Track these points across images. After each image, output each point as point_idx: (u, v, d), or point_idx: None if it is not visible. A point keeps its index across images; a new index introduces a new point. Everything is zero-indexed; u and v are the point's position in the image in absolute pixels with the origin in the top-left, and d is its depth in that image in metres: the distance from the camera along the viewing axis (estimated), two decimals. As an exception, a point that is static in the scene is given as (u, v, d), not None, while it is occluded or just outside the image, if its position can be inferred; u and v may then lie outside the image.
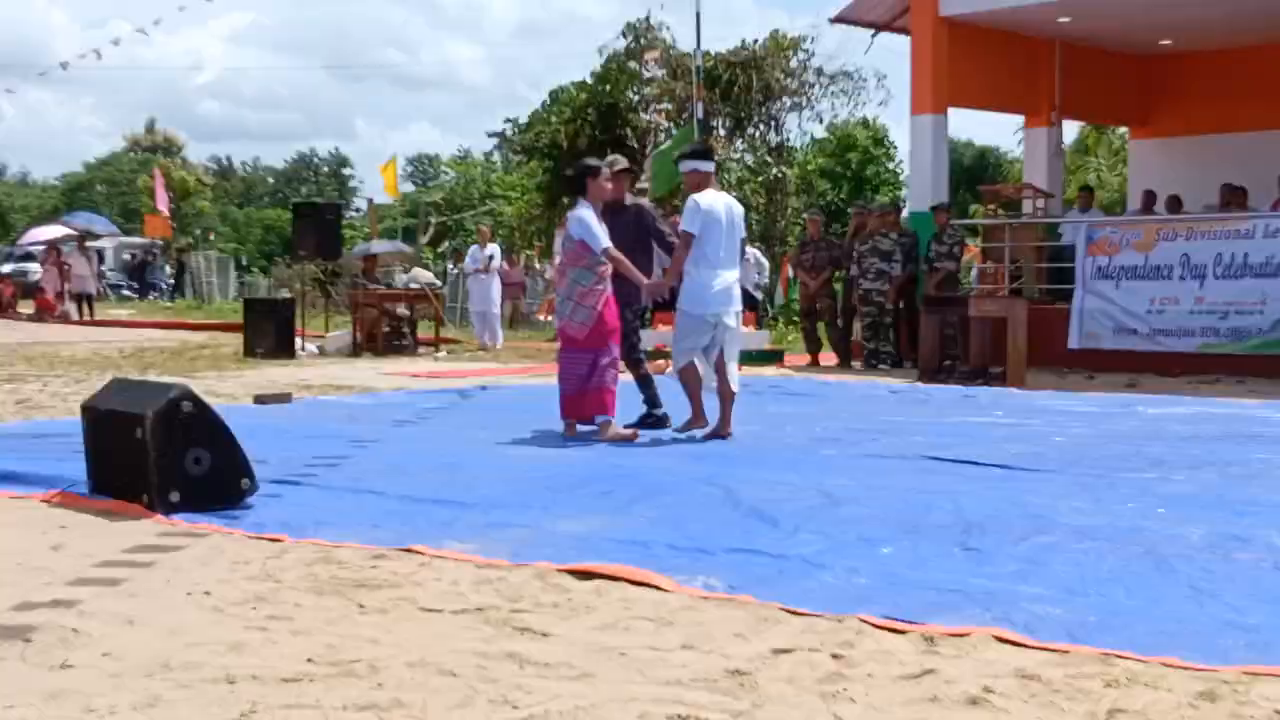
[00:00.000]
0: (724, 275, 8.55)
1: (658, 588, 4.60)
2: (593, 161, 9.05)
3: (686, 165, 8.87)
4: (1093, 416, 10.12)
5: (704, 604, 4.42)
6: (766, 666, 3.72)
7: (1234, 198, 16.56)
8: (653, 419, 9.16)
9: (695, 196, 8.65)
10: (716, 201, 8.60)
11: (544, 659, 3.79)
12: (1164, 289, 14.57)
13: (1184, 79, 19.42)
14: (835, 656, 3.81)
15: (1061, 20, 16.72)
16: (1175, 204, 17.05)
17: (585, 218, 8.66)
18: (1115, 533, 5.41)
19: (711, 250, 8.49)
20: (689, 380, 8.75)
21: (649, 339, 16.88)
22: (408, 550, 5.23)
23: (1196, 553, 5.05)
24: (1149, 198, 17.52)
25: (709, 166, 8.85)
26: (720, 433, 8.63)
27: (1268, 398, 11.81)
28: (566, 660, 3.77)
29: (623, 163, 9.47)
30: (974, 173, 45.36)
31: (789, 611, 4.29)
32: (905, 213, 18.48)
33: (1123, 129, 25.63)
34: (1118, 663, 3.71)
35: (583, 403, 8.72)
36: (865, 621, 4.15)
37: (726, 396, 8.66)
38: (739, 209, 8.83)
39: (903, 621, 4.13)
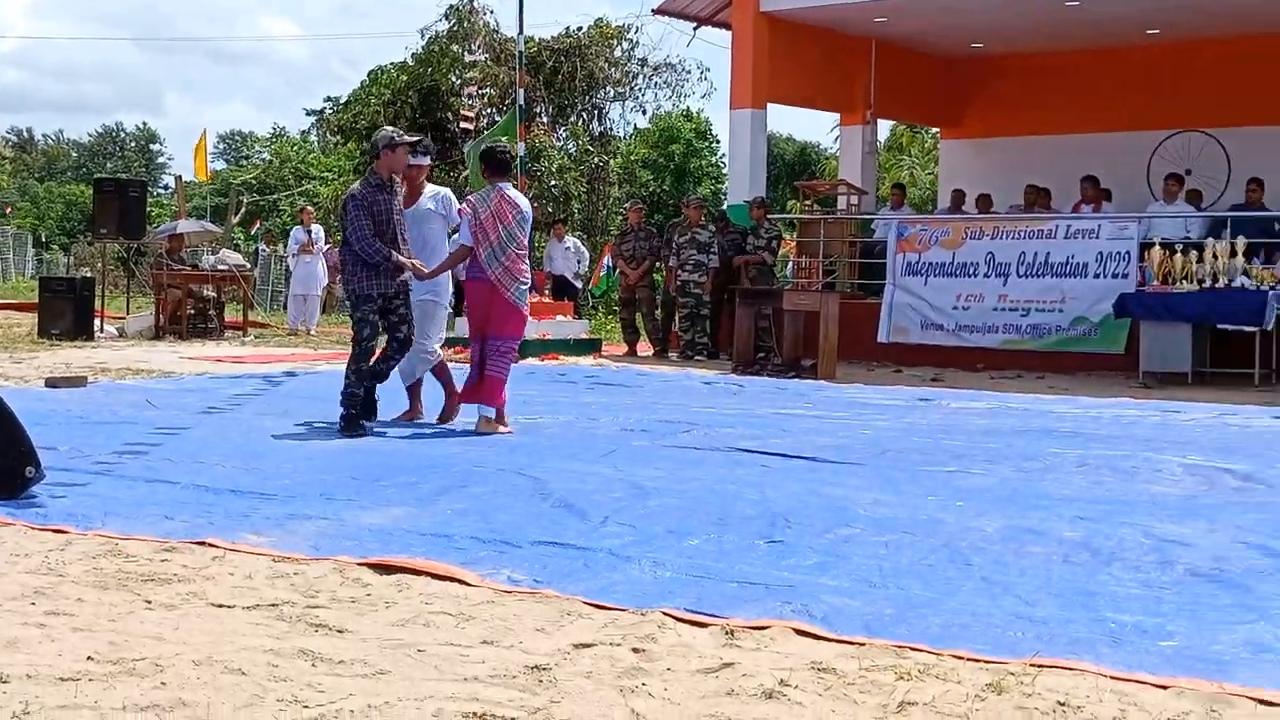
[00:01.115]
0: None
1: (460, 581, 4.51)
2: (386, 130, 8.64)
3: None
4: (898, 410, 10.34)
5: (507, 598, 4.35)
6: (567, 661, 3.68)
7: (1038, 198, 17.15)
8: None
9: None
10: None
11: (338, 656, 3.67)
12: (970, 286, 15.02)
13: (994, 82, 20.03)
14: (636, 650, 3.79)
15: (878, 20, 17.07)
16: (985, 203, 17.58)
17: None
18: (915, 525, 5.51)
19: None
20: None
21: (462, 325, 16.74)
22: (200, 543, 5.04)
23: (991, 545, 5.17)
24: (958, 197, 18.02)
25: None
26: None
27: (1065, 393, 12.26)
28: (362, 657, 3.67)
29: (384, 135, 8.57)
30: (795, 168, 46.08)
31: (592, 605, 4.25)
32: (724, 205, 18.67)
33: (935, 129, 26.30)
34: (911, 655, 3.76)
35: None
36: (668, 615, 4.13)
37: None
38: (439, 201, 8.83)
39: (705, 615, 4.13)
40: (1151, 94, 18.33)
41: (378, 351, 8.47)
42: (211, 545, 5.01)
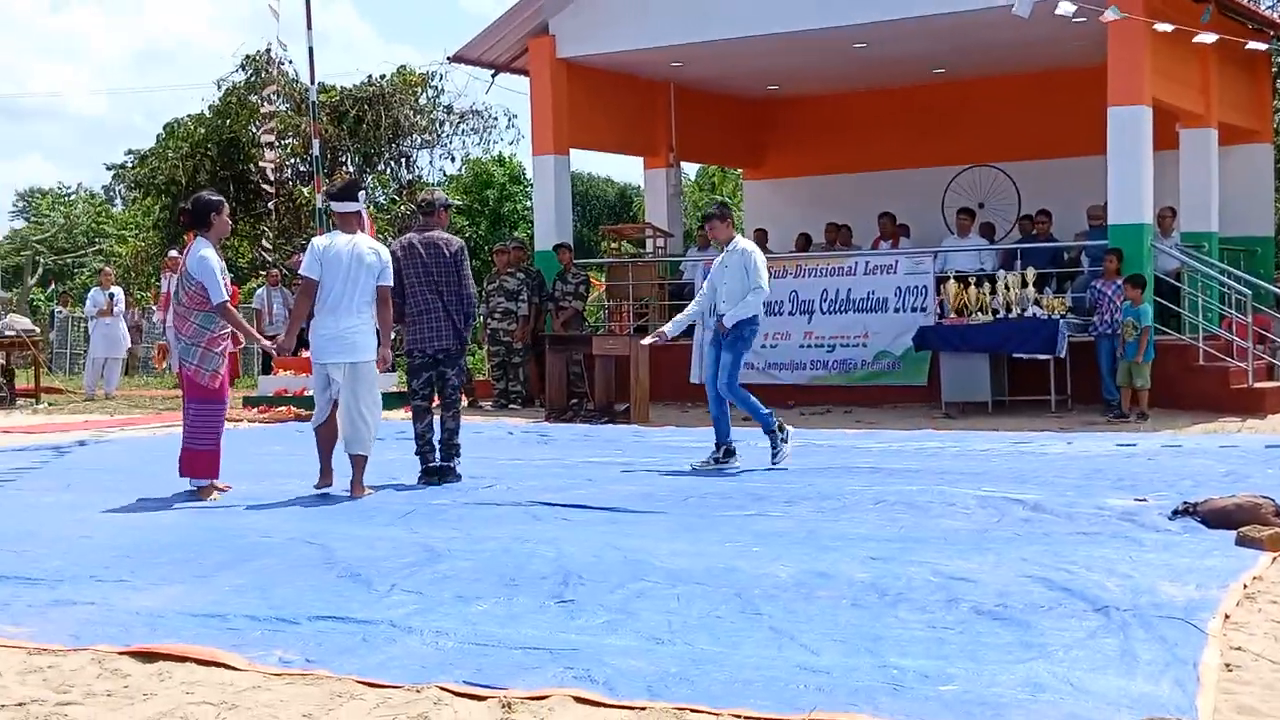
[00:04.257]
0: (337, 321, 8.13)
1: (227, 666, 4.29)
2: (216, 196, 8.48)
3: (333, 205, 8.58)
4: (705, 452, 10.31)
5: (275, 682, 4.14)
6: (331, 750, 3.49)
7: (838, 236, 17.49)
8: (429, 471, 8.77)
9: (315, 240, 8.41)
10: (338, 242, 8.24)
11: (81, 761, 3.43)
12: (776, 324, 15.18)
13: (791, 123, 20.38)
14: (406, 732, 3.63)
15: (674, 65, 17.22)
16: (805, 242, 17.84)
17: (208, 258, 8.13)
18: (709, 574, 5.45)
19: (327, 295, 8.15)
20: (319, 437, 8.33)
21: (268, 385, 16.31)
22: (-51, 639, 4.70)
23: (782, 592, 5.14)
24: (760, 236, 18.30)
25: (346, 207, 8.41)
26: (322, 482, 8.23)
27: (871, 427, 12.45)
28: (106, 761, 3.43)
29: (443, 198, 9.06)
30: (616, 209, 46.26)
31: (366, 684, 4.07)
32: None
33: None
34: (690, 717, 3.69)
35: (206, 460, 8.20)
36: (444, 689, 3.98)
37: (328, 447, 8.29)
38: (372, 254, 8.21)
39: (482, 687, 3.99)
40: (942, 131, 18.86)
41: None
42: (-39, 641, 4.67)
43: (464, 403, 10.11)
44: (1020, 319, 13.52)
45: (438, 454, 8.81)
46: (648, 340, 10.38)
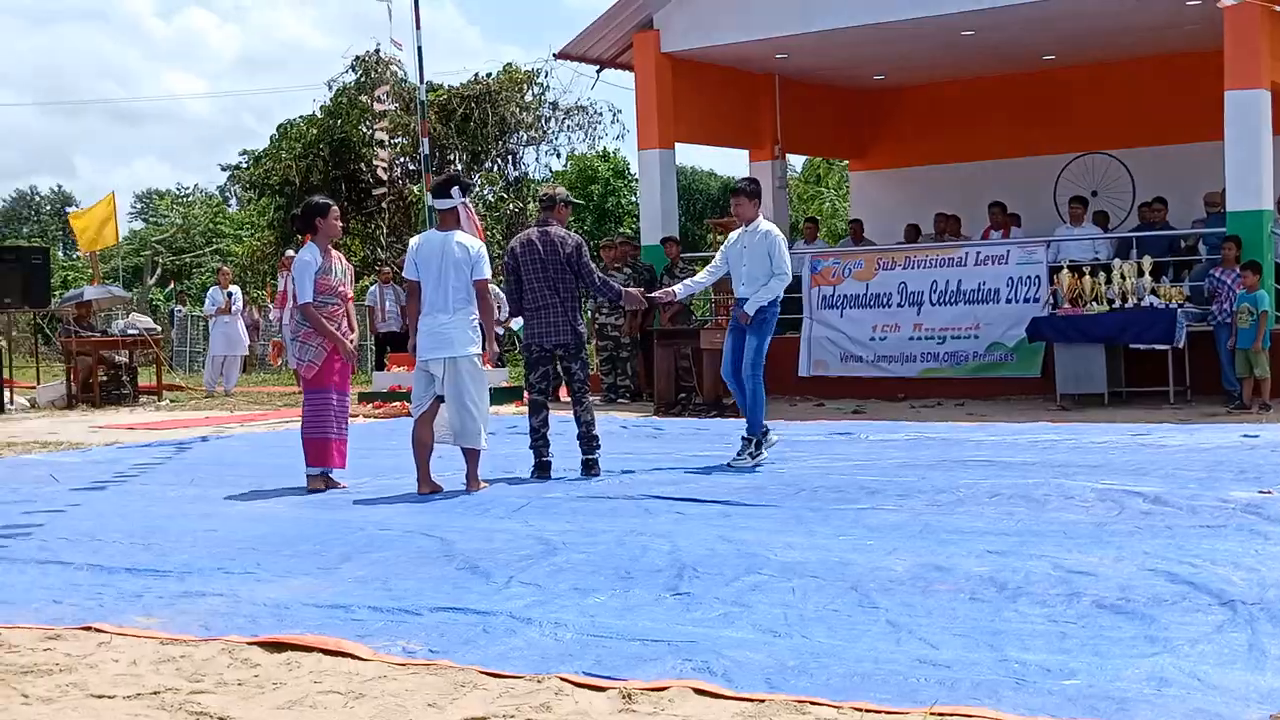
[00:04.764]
0: (434, 319, 8.20)
1: (353, 656, 4.38)
2: (322, 200, 8.69)
3: (432, 201, 8.67)
4: (818, 445, 10.31)
5: (400, 672, 4.22)
6: (456, 738, 3.56)
7: (948, 226, 17.31)
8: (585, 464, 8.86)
9: (411, 241, 8.52)
10: (431, 241, 8.35)
11: (217, 747, 3.54)
12: (885, 316, 15.07)
13: (898, 113, 20.21)
14: (530, 722, 3.68)
15: (779, 56, 17.15)
16: (914, 233, 17.71)
17: (304, 260, 8.37)
18: (823, 568, 5.44)
19: (425, 294, 8.25)
20: (415, 443, 8.27)
21: (383, 380, 16.58)
22: (87, 628, 4.87)
23: (898, 586, 5.11)
24: (857, 227, 18.26)
25: (443, 203, 8.40)
26: (422, 489, 8.16)
27: (983, 420, 12.30)
28: (241, 747, 3.53)
29: (564, 194, 9.13)
30: (719, 203, 46.26)
31: (488, 674, 4.14)
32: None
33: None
34: (811, 709, 3.69)
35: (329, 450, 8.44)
36: (565, 680, 4.03)
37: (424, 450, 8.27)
38: (462, 249, 8.18)
39: (602, 678, 4.03)
40: (1052, 118, 18.57)
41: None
42: (98, 630, 4.84)
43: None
44: (1137, 309, 13.25)
45: (577, 448, 8.87)
46: (657, 294, 10.14)
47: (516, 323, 10.07)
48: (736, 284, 9.32)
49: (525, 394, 8.92)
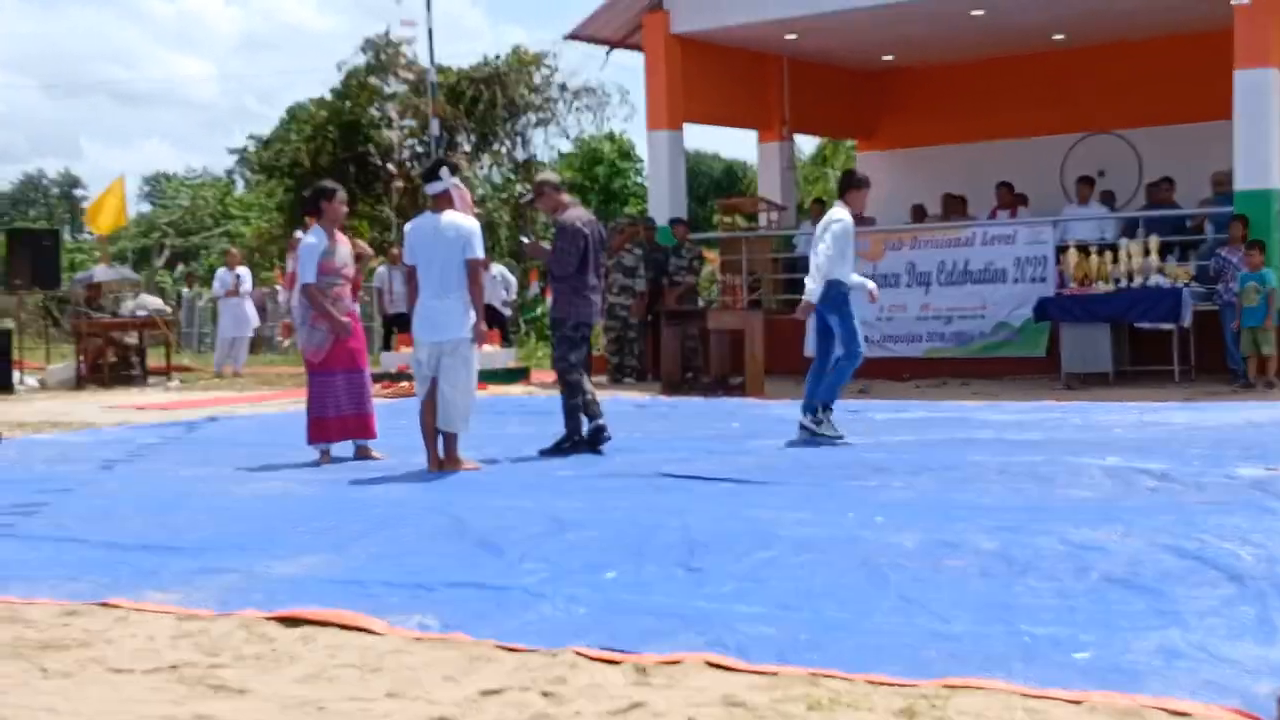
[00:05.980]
0: (427, 303, 8.18)
1: (369, 630, 4.43)
2: (328, 184, 8.76)
3: (425, 188, 8.62)
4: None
5: (416, 646, 4.26)
6: (473, 711, 3.60)
7: (955, 206, 17.29)
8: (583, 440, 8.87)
9: (406, 226, 8.55)
10: (424, 224, 8.34)
11: (236, 718, 3.58)
12: (892, 297, 15.06)
13: (907, 93, 20.16)
14: (545, 694, 3.72)
15: (789, 38, 17.14)
16: (920, 213, 17.68)
17: (309, 243, 8.49)
18: (833, 544, 5.48)
19: (420, 277, 8.26)
20: (421, 423, 8.28)
21: (390, 360, 16.62)
22: (104, 604, 4.91)
23: (909, 561, 5.15)
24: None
25: (433, 187, 8.36)
26: (431, 467, 8.16)
27: (989, 399, 12.33)
28: (260, 718, 3.57)
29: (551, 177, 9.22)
30: (723, 185, 46.21)
31: (503, 648, 4.18)
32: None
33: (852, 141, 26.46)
34: (823, 682, 3.72)
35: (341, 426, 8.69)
36: (580, 654, 4.07)
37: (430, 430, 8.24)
38: (452, 229, 8.14)
39: (617, 652, 4.07)
40: (1060, 98, 18.52)
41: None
42: (115, 606, 4.89)
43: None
44: (1143, 288, 13.27)
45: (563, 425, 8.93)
46: (797, 312, 10.13)
47: None
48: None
49: (562, 374, 8.83)
